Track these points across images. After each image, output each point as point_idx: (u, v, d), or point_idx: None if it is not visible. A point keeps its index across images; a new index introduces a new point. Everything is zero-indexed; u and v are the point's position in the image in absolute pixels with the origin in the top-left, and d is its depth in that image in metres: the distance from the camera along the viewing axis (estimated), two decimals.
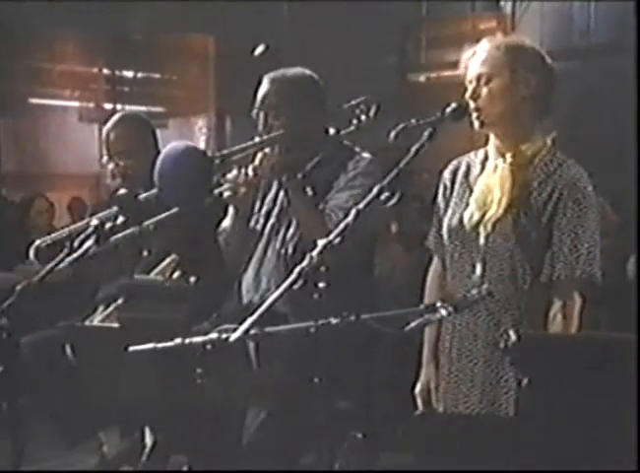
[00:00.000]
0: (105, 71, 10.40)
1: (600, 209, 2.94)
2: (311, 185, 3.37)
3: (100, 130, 11.17)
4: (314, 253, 2.62)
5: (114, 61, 10.35)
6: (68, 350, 3.68)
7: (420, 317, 2.49)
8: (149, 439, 3.81)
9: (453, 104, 2.88)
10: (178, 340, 2.69)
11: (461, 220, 2.92)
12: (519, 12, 10.29)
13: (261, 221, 3.51)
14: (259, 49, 11.34)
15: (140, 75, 10.80)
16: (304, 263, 2.61)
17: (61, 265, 2.99)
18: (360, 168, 3.39)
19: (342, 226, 2.67)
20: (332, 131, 3.51)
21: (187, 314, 2.88)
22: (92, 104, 10.55)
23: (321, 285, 2.61)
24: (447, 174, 3.04)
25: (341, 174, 3.39)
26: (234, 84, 10.45)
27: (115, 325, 2.98)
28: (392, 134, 2.78)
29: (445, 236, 2.98)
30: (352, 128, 3.48)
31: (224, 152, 3.32)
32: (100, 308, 3.81)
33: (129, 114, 3.99)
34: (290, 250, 3.40)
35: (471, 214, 2.90)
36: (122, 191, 3.14)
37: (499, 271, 2.85)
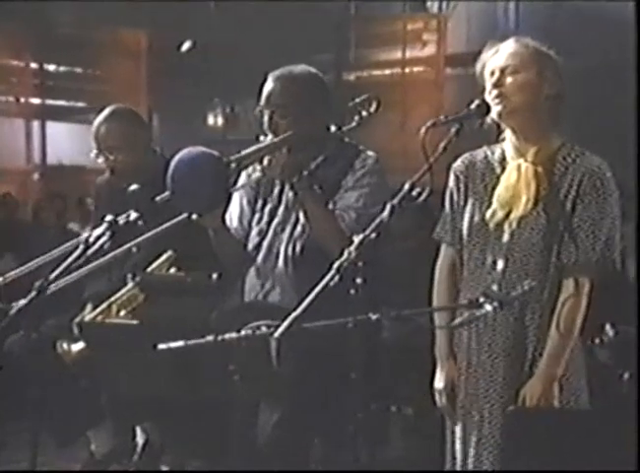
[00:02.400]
0: (33, 65, 10.16)
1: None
2: (319, 185, 3.37)
3: (27, 125, 11.01)
4: (352, 248, 2.63)
5: (42, 55, 10.13)
6: (59, 348, 3.63)
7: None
8: (140, 439, 3.76)
9: (477, 101, 2.92)
10: (210, 337, 2.68)
11: (483, 218, 2.96)
12: (445, 13, 10.44)
13: (265, 219, 3.49)
14: (186, 46, 11.26)
15: (66, 69, 10.61)
16: (342, 258, 2.62)
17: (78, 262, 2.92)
18: (368, 166, 3.39)
19: (377, 221, 2.69)
20: (333, 128, 3.52)
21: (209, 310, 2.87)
22: (17, 98, 10.31)
23: (358, 280, 2.62)
24: (461, 168, 3.06)
25: (348, 173, 3.39)
26: (163, 80, 10.36)
27: (134, 322, 2.93)
28: (422, 130, 2.80)
29: (465, 232, 3.01)
30: (354, 125, 3.49)
31: (238, 156, 3.29)
32: (89, 306, 3.75)
33: (120, 108, 3.91)
34: (298, 249, 3.39)
35: (493, 212, 2.94)
36: (134, 187, 3.08)
37: (523, 266, 2.90)
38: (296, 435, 3.21)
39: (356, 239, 2.65)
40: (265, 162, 3.33)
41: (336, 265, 2.62)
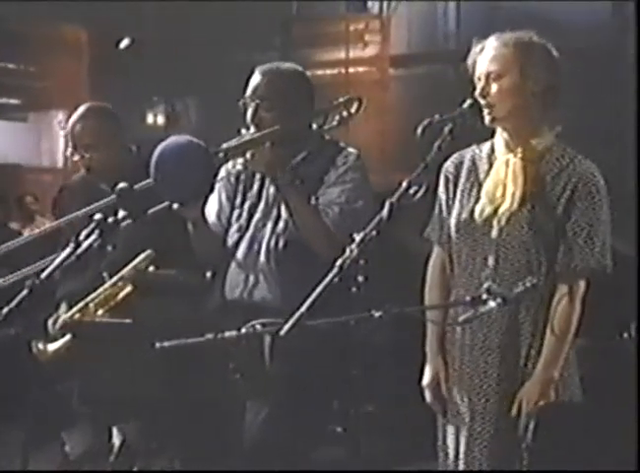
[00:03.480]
0: None
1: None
2: (301, 180, 3.37)
3: None
4: (353, 246, 2.64)
5: None
6: (34, 348, 3.58)
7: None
8: (116, 439, 3.72)
9: (469, 100, 2.95)
10: (210, 335, 2.67)
11: (471, 214, 2.98)
12: (386, 14, 10.50)
13: (245, 215, 3.48)
14: (124, 42, 11.13)
15: (1, 65, 10.40)
16: (344, 256, 2.63)
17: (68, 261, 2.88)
18: (350, 162, 3.41)
19: (376, 219, 2.71)
20: (314, 126, 3.53)
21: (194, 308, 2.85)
22: None
23: (360, 278, 2.64)
24: (450, 168, 3.09)
25: (331, 169, 3.40)
26: (103, 77, 10.23)
27: (127, 321, 2.91)
28: (419, 130, 2.83)
29: (453, 229, 3.04)
30: (335, 124, 3.51)
31: (224, 147, 3.28)
32: (64, 305, 3.70)
33: (95, 106, 3.87)
34: (281, 245, 3.39)
35: (482, 208, 2.97)
36: (121, 185, 3.04)
37: (514, 263, 2.93)
38: (286, 432, 3.21)
39: (357, 237, 2.66)
40: (248, 155, 3.34)
41: (338, 263, 2.63)
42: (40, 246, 3.78)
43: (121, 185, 3.06)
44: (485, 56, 2.95)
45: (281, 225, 3.41)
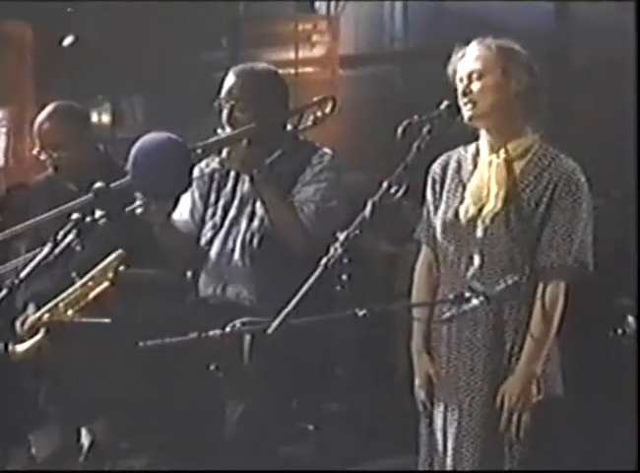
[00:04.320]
0: None
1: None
2: (277, 179, 3.40)
3: None
4: (337, 245, 2.67)
5: None
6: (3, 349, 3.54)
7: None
8: (85, 440, 3.70)
9: (446, 102, 3.00)
10: (194, 334, 2.68)
11: (456, 214, 3.03)
12: (333, 15, 10.52)
13: (219, 213, 3.51)
14: (68, 40, 11.02)
15: None
16: (329, 255, 2.66)
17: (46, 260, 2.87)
18: (325, 162, 3.46)
19: (359, 218, 2.74)
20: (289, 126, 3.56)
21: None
22: None
23: (344, 276, 2.67)
24: (437, 169, 3.14)
25: (307, 168, 3.45)
26: (48, 76, 10.13)
27: (107, 320, 2.90)
28: (399, 130, 2.86)
29: (439, 229, 3.08)
30: (310, 124, 3.54)
31: (200, 144, 3.29)
32: (32, 306, 3.67)
33: (63, 105, 3.84)
34: (256, 242, 3.42)
35: (467, 208, 3.02)
36: (98, 184, 3.03)
37: (498, 262, 2.98)
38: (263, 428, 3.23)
39: (341, 236, 2.69)
40: (224, 154, 3.36)
41: (323, 261, 2.66)
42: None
43: (98, 185, 3.04)
44: (468, 58, 3.01)
45: (255, 222, 3.45)
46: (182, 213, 3.53)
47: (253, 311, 3.20)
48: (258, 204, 3.43)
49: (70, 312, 3.53)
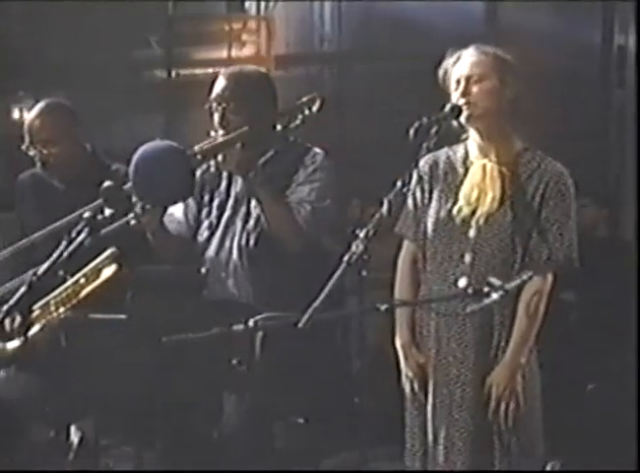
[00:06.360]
0: None
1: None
2: (271, 179, 3.47)
3: None
4: (358, 242, 2.75)
5: None
6: None
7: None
8: (75, 437, 3.71)
9: (450, 104, 3.11)
10: (216, 329, 2.73)
11: (449, 214, 3.15)
12: (263, 15, 10.57)
13: (214, 213, 3.57)
14: None
15: None
16: (350, 251, 2.74)
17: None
18: (318, 162, 3.55)
19: (377, 216, 2.83)
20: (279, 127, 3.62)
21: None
22: None
23: (363, 273, 2.75)
24: (425, 168, 3.22)
25: (300, 169, 3.52)
26: None
27: (122, 316, 2.93)
28: (411, 132, 2.96)
29: (430, 228, 3.19)
30: (298, 122, 3.61)
31: (197, 149, 3.36)
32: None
33: (53, 102, 3.86)
34: (252, 242, 3.48)
35: (460, 208, 3.14)
36: (107, 183, 3.06)
37: (490, 259, 3.11)
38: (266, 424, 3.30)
39: (361, 233, 2.77)
40: (220, 157, 3.42)
41: (345, 258, 2.74)
42: None
43: (106, 184, 3.07)
44: (465, 62, 3.14)
45: (251, 222, 3.51)
46: (175, 214, 3.58)
47: (250, 311, 3.25)
48: (253, 204, 3.50)
49: (61, 310, 3.55)
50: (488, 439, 3.11)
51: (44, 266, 2.87)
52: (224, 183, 3.59)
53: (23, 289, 2.83)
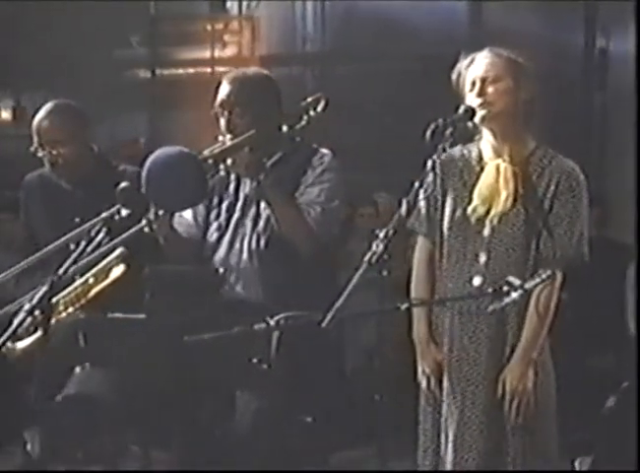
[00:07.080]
0: None
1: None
2: (280, 181, 3.49)
3: None
4: (378, 242, 2.78)
5: None
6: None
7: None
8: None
9: (463, 106, 3.15)
10: (237, 328, 2.76)
11: (464, 213, 3.19)
12: (245, 15, 10.58)
13: (223, 215, 3.58)
14: None
15: None
16: (371, 251, 2.77)
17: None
18: (326, 163, 3.57)
19: (396, 217, 2.86)
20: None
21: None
22: None
23: (384, 273, 2.78)
24: (440, 166, 3.20)
25: (308, 170, 3.55)
26: None
27: (141, 316, 2.95)
28: (427, 133, 2.99)
29: (445, 226, 3.22)
30: (304, 123, 3.63)
31: (207, 153, 3.39)
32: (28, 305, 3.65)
33: (63, 103, 3.86)
34: (263, 243, 3.50)
35: (475, 208, 3.18)
36: (123, 184, 3.07)
37: (505, 258, 3.15)
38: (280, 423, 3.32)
39: (381, 233, 2.80)
40: (229, 161, 3.44)
41: (366, 258, 2.76)
42: None
43: (123, 185, 3.09)
44: (480, 64, 3.19)
45: (261, 224, 3.53)
46: (184, 216, 3.59)
47: (261, 311, 3.26)
48: (262, 205, 3.52)
49: (69, 310, 3.56)
50: (499, 436, 3.14)
51: (65, 265, 2.89)
52: (232, 185, 3.60)
53: (44, 288, 2.85)
